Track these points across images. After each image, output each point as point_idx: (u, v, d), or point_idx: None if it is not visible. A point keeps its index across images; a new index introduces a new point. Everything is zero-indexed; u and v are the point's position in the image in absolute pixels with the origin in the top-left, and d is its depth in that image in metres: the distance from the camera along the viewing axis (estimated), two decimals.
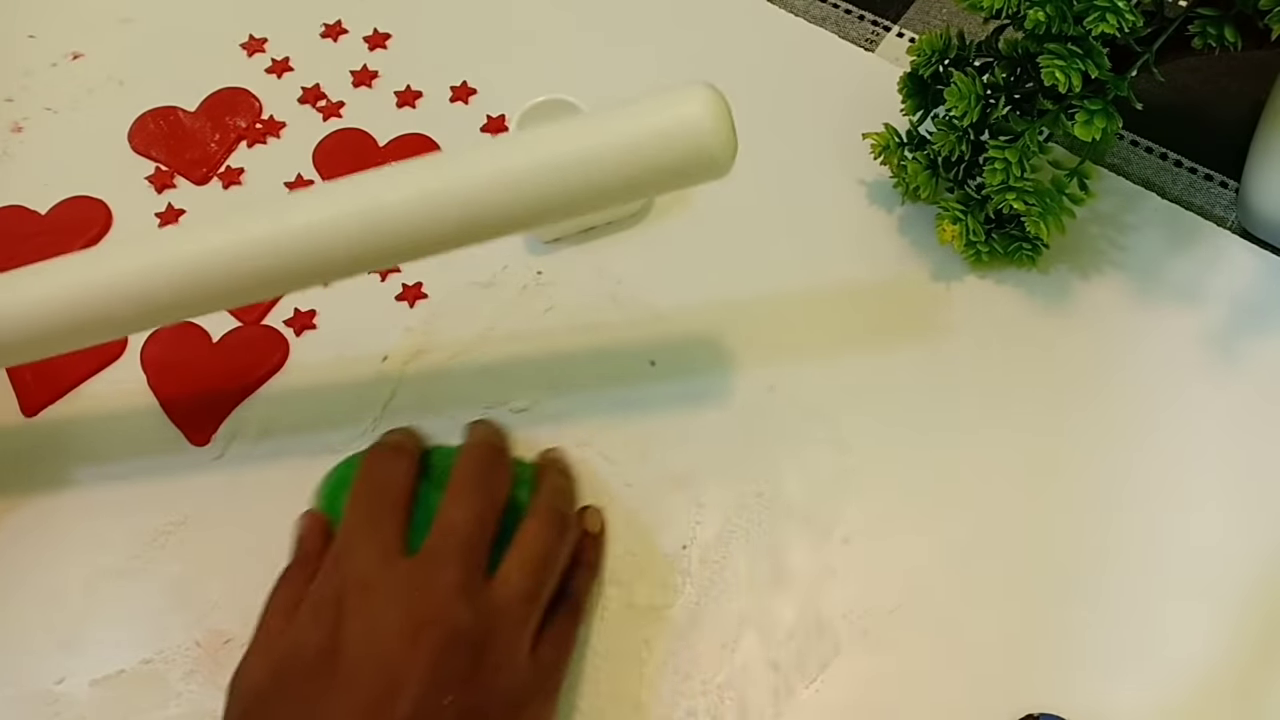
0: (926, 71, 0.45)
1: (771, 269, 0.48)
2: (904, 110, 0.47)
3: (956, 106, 0.43)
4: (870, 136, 0.48)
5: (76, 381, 0.47)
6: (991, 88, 0.44)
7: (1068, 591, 0.41)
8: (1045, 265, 0.48)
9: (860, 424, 0.44)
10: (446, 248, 0.36)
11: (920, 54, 0.45)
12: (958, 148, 0.45)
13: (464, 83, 0.54)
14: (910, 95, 0.47)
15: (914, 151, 0.47)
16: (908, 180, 0.47)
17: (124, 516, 0.44)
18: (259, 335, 0.47)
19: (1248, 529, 0.42)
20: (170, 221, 0.50)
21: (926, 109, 0.47)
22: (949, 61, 0.46)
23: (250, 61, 0.55)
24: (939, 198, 0.47)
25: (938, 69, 0.46)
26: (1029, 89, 0.44)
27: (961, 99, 0.43)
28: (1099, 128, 0.41)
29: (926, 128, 0.47)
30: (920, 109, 0.47)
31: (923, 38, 0.45)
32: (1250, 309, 0.47)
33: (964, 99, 0.43)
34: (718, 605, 0.41)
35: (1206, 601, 0.41)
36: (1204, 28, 0.40)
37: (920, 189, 0.47)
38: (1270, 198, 0.46)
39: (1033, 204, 0.43)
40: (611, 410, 0.45)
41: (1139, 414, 0.44)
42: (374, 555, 0.35)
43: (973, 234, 0.46)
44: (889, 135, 0.47)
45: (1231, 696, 0.39)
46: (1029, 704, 0.39)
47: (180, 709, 0.40)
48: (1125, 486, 0.43)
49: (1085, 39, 0.40)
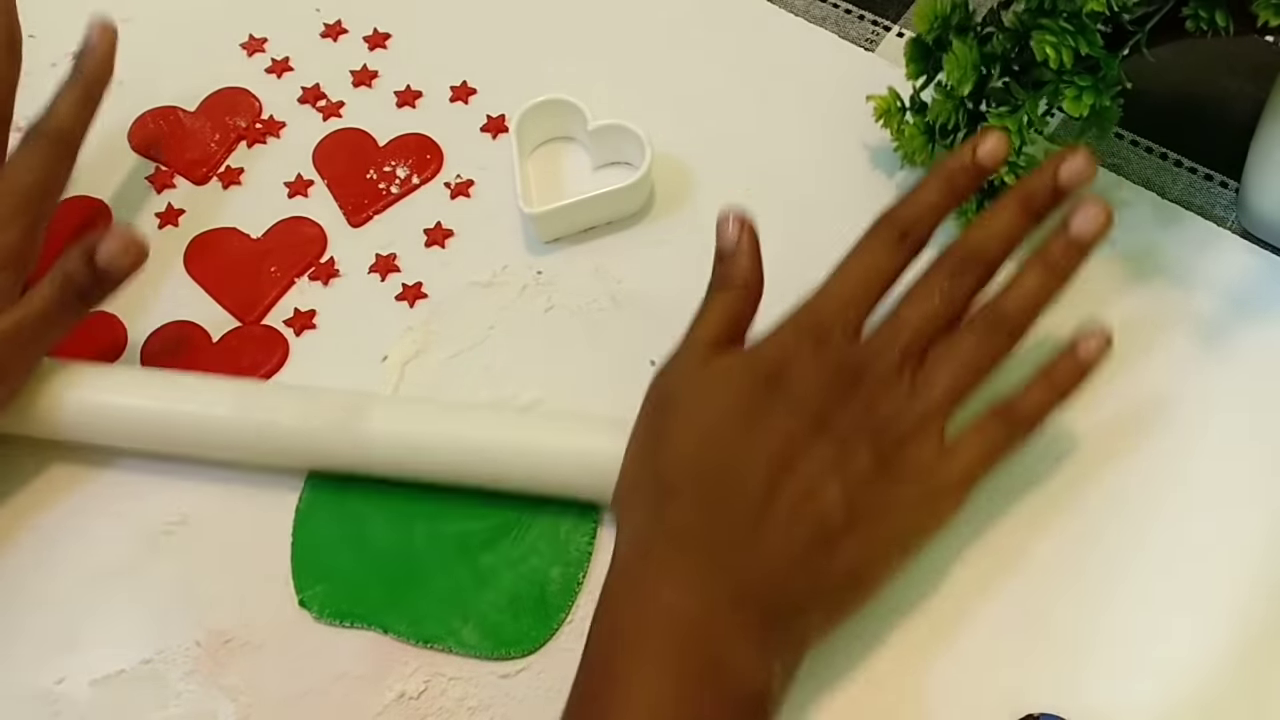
0: (930, 36, 0.46)
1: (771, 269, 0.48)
2: (907, 74, 0.47)
3: (952, 74, 0.43)
4: (874, 99, 0.48)
5: None
6: (991, 58, 0.44)
7: (1067, 590, 0.41)
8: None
9: None
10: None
11: (924, 17, 0.45)
12: (954, 116, 0.45)
13: (464, 83, 0.54)
14: (913, 59, 0.47)
15: (914, 115, 0.48)
16: (905, 144, 0.47)
17: (124, 516, 0.44)
18: (259, 335, 0.47)
19: (1247, 528, 0.42)
20: (170, 222, 0.50)
21: (929, 74, 0.47)
22: (953, 27, 0.46)
23: (250, 61, 0.55)
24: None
25: (941, 34, 0.46)
26: (1028, 61, 0.44)
27: (958, 67, 0.43)
28: (1087, 104, 0.41)
29: (930, 93, 0.47)
30: (922, 74, 0.47)
31: (928, 2, 0.45)
32: (1250, 309, 0.47)
33: (960, 68, 0.43)
34: None
35: (1206, 600, 0.41)
36: (1196, 10, 0.40)
37: (916, 154, 0.47)
38: (1270, 198, 0.46)
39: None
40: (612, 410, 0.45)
41: (1138, 413, 0.44)
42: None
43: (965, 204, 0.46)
44: (891, 98, 0.48)
45: (1232, 696, 0.39)
46: (1029, 704, 0.39)
47: (180, 709, 0.40)
48: (1124, 485, 0.43)
49: (1079, 16, 0.40)
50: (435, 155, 0.52)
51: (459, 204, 0.51)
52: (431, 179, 0.51)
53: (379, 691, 0.40)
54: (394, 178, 0.51)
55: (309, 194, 0.51)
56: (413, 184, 0.51)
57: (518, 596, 0.41)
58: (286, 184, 0.51)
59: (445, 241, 0.50)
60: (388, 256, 0.49)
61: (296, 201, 0.51)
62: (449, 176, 0.51)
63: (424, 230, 0.50)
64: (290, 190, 0.51)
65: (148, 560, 0.43)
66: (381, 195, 0.51)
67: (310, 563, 0.42)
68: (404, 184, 0.51)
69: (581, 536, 0.42)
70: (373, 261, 0.49)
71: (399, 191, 0.51)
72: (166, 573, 0.43)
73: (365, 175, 0.51)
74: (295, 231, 0.50)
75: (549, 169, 0.51)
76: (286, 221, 0.50)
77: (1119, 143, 0.51)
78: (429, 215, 0.50)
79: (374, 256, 0.49)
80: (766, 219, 0.50)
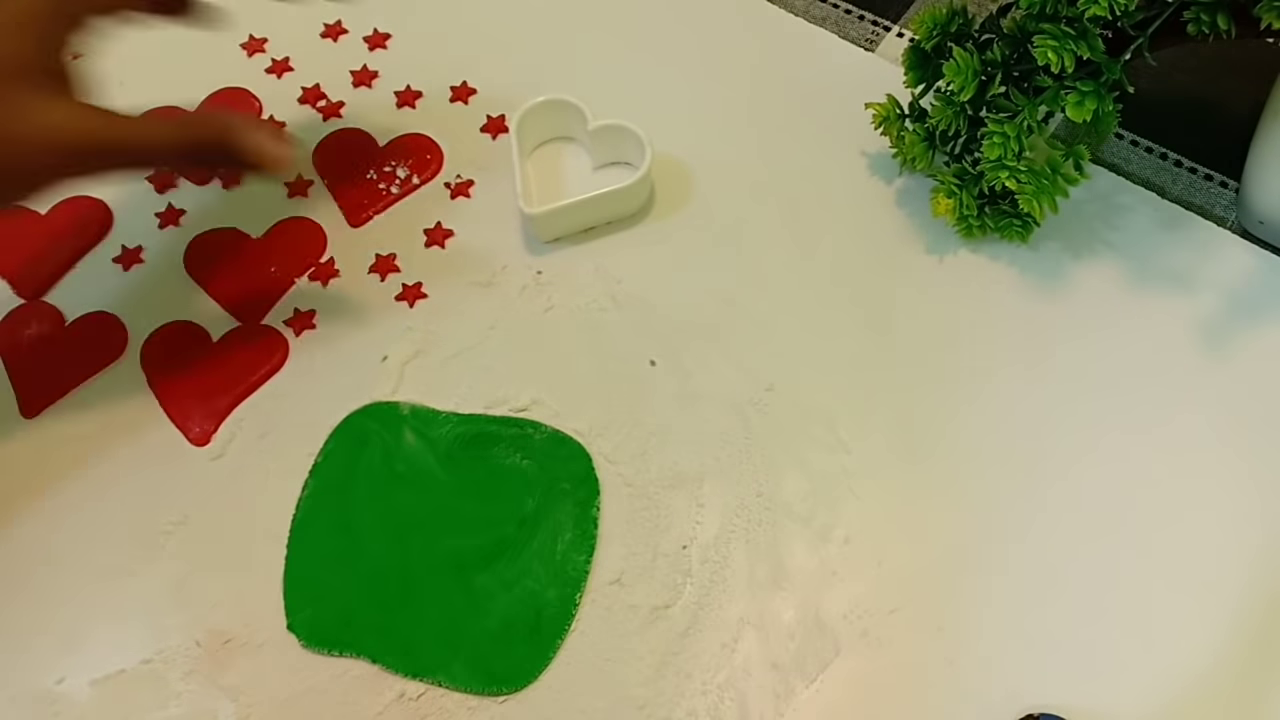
0: (929, 44, 0.46)
1: (771, 268, 0.48)
2: (906, 82, 0.47)
3: (954, 81, 0.44)
4: (872, 106, 0.48)
5: (76, 381, 0.47)
6: (991, 65, 0.44)
7: (1067, 590, 0.41)
8: (1049, 266, 0.48)
9: (860, 424, 0.44)
10: None
11: (922, 26, 0.46)
12: (955, 123, 0.45)
13: (464, 83, 0.54)
14: (913, 67, 0.47)
15: (914, 123, 0.48)
16: (905, 151, 0.47)
17: (124, 516, 0.44)
18: (259, 335, 0.47)
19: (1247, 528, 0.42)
20: (170, 222, 0.51)
21: (928, 82, 0.47)
22: (952, 35, 0.46)
23: (250, 61, 0.55)
24: (935, 170, 0.48)
25: (940, 42, 0.46)
26: (1028, 68, 0.44)
27: (959, 74, 0.43)
28: (1090, 109, 0.41)
29: (928, 100, 0.47)
30: (921, 81, 0.47)
31: (926, 10, 0.45)
32: (1251, 309, 0.47)
33: (961, 74, 0.43)
34: (718, 605, 0.41)
35: (1204, 599, 0.41)
36: (1198, 14, 0.40)
37: (916, 160, 0.47)
38: (1270, 198, 0.46)
39: (1026, 182, 0.44)
40: (611, 410, 0.45)
41: (1138, 413, 0.44)
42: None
43: (965, 208, 0.46)
44: (890, 106, 0.48)
45: (1231, 695, 0.39)
46: (1029, 704, 0.39)
47: (180, 709, 0.40)
48: (1124, 485, 0.43)
49: (1080, 20, 0.40)
50: (435, 155, 0.52)
51: (459, 204, 0.51)
52: (431, 179, 0.51)
53: (379, 691, 0.40)
54: (394, 178, 0.51)
55: (309, 194, 0.51)
56: (413, 184, 0.51)
57: (511, 623, 0.41)
58: (286, 184, 0.51)
59: (445, 241, 0.50)
60: (387, 256, 0.49)
61: (296, 202, 0.51)
62: (449, 176, 0.51)
63: (424, 230, 0.50)
64: (290, 190, 0.51)
65: (148, 560, 0.43)
66: (381, 195, 0.51)
67: (302, 579, 0.42)
68: (404, 184, 0.51)
69: (579, 555, 0.42)
70: (372, 261, 0.49)
71: (399, 191, 0.51)
72: (166, 573, 0.43)
73: (365, 175, 0.51)
74: (295, 231, 0.50)
75: (549, 169, 0.51)
76: (286, 222, 0.50)
77: (1119, 143, 0.51)
78: (429, 215, 0.50)
79: (374, 256, 0.49)
80: (766, 219, 0.50)
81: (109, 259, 0.50)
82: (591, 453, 0.44)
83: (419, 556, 0.42)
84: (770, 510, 0.43)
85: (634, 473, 0.44)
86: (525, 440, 0.44)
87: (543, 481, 0.43)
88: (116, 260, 0.50)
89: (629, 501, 0.43)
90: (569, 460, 0.44)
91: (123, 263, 0.50)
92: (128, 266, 0.49)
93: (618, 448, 0.44)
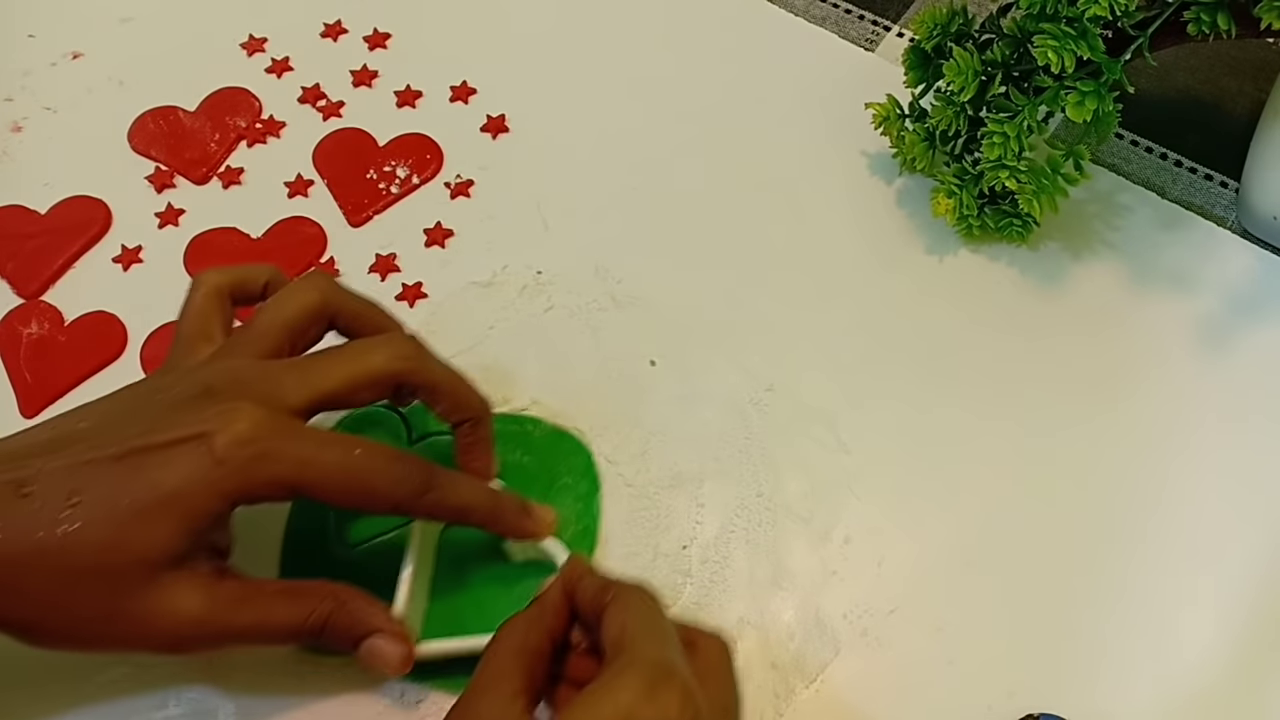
0: (929, 44, 0.46)
1: (771, 268, 0.48)
2: (906, 82, 0.47)
3: (954, 81, 0.44)
4: (872, 106, 0.48)
5: (76, 381, 0.47)
6: (991, 65, 0.44)
7: (1067, 590, 0.41)
8: (1050, 266, 0.48)
9: (860, 424, 0.44)
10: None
11: (922, 26, 0.46)
12: (955, 123, 0.45)
13: (464, 83, 0.54)
14: (913, 67, 0.47)
15: (914, 123, 0.48)
16: (905, 151, 0.48)
17: None
18: None
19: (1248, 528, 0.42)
20: (170, 222, 0.50)
21: (928, 82, 0.47)
22: (952, 35, 0.46)
23: (250, 61, 0.55)
24: (935, 170, 0.48)
25: (940, 42, 0.46)
26: (1028, 68, 0.44)
27: (959, 74, 0.43)
28: (1090, 109, 0.41)
29: (928, 100, 0.47)
30: (921, 81, 0.47)
31: (926, 10, 0.46)
32: (1251, 309, 0.47)
33: (961, 74, 0.43)
34: (718, 605, 0.41)
35: (1205, 599, 0.41)
36: (1198, 14, 0.40)
37: (917, 160, 0.47)
38: (1270, 198, 0.46)
39: (1026, 182, 0.44)
40: (611, 410, 0.45)
41: (1139, 413, 0.44)
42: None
43: (965, 208, 0.46)
44: (890, 105, 0.48)
45: (1232, 695, 0.39)
46: (1029, 704, 0.39)
47: (180, 709, 0.40)
48: (1124, 486, 0.43)
49: (1080, 20, 0.40)
50: (435, 155, 0.52)
51: (459, 204, 0.51)
52: (431, 179, 0.51)
53: (379, 692, 0.40)
54: (394, 178, 0.51)
55: (309, 194, 0.51)
56: (412, 184, 0.51)
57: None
58: (286, 184, 0.51)
59: (445, 241, 0.50)
60: (388, 256, 0.49)
61: (296, 201, 0.51)
62: (449, 176, 0.51)
63: (424, 230, 0.50)
64: (290, 190, 0.51)
65: None
66: (381, 195, 0.51)
67: (301, 578, 0.41)
68: (404, 184, 0.51)
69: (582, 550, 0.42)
70: (373, 261, 0.49)
71: (399, 191, 0.51)
72: None
73: (365, 175, 0.51)
74: (295, 231, 0.50)
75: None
76: (286, 221, 0.50)
77: (1119, 143, 0.52)
78: (429, 215, 0.50)
79: (374, 256, 0.49)
80: (766, 219, 0.50)
81: (108, 259, 0.49)
82: (591, 452, 0.44)
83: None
84: (770, 510, 0.43)
85: (634, 473, 0.44)
86: (525, 437, 0.44)
87: (543, 477, 0.43)
88: (116, 260, 0.49)
89: (629, 501, 0.43)
90: (569, 455, 0.44)
91: (122, 262, 0.49)
92: (127, 266, 0.49)
93: (618, 448, 0.44)
